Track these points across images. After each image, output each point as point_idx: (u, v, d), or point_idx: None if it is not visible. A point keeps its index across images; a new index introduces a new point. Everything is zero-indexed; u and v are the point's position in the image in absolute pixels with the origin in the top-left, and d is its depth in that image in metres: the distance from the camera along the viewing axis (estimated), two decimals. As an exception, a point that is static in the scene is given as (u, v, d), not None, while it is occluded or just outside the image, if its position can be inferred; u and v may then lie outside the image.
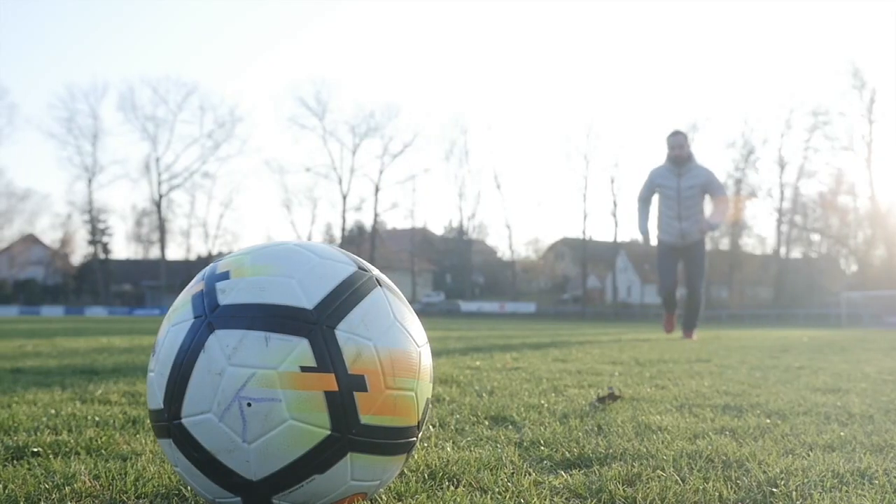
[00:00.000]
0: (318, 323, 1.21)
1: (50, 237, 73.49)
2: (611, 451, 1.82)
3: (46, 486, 1.42)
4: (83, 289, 70.89)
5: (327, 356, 1.19)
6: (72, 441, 1.90)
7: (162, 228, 65.68)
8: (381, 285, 1.34)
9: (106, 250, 68.97)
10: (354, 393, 1.20)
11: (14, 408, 2.55)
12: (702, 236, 9.70)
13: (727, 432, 2.11)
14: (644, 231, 9.89)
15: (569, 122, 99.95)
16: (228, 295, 1.24)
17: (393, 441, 1.27)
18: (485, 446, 1.90)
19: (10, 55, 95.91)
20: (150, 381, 1.29)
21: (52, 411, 2.47)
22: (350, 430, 1.20)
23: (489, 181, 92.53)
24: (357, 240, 68.39)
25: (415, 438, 1.33)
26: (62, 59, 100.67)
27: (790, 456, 1.76)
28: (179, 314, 1.28)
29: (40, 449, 1.81)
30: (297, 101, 77.73)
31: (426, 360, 1.36)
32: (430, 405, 1.40)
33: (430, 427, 2.20)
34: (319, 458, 1.19)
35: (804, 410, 2.59)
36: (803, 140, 53.79)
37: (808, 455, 1.77)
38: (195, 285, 1.31)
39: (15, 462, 1.70)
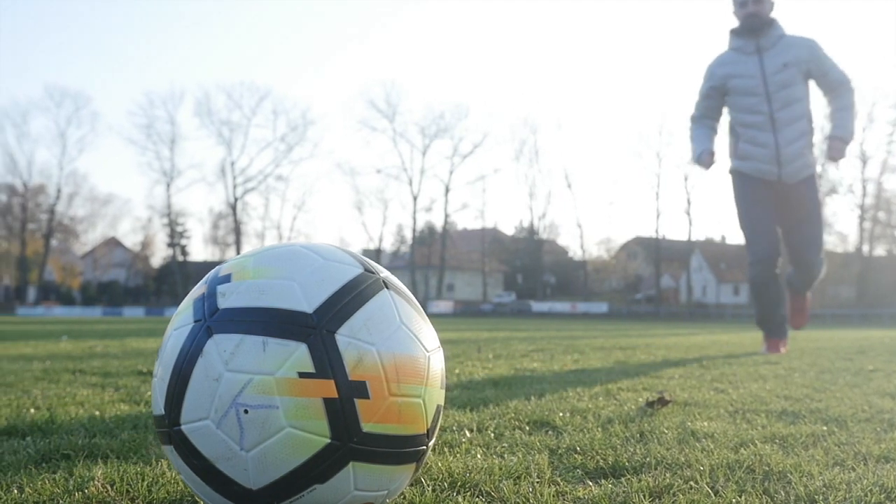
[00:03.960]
0: (317, 327, 1.16)
1: (131, 240, 75.93)
2: (648, 459, 1.73)
3: (58, 490, 1.42)
4: (163, 290, 72.86)
5: (327, 362, 1.15)
6: (104, 444, 1.90)
7: (237, 231, 66.99)
8: (388, 287, 1.28)
9: (184, 252, 70.68)
10: (355, 400, 1.15)
11: (59, 409, 2.58)
12: (812, 170, 6.02)
13: (777, 440, 2.00)
14: (704, 152, 6.12)
15: (641, 119, 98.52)
16: (228, 298, 1.21)
17: (398, 450, 1.22)
18: (517, 453, 1.83)
19: (92, 65, 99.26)
20: (153, 386, 1.27)
21: (97, 413, 2.49)
22: (351, 439, 1.15)
23: (560, 180, 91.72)
24: (428, 241, 68.65)
25: (424, 447, 1.28)
26: (141, 67, 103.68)
27: (838, 467, 1.65)
28: (181, 318, 1.25)
29: (71, 452, 1.82)
30: (367, 103, 78.47)
31: (436, 366, 1.30)
32: (442, 412, 1.34)
33: (468, 432, 2.15)
34: (319, 468, 1.15)
35: (866, 417, 2.46)
36: (886, 134, 52.01)
37: (858, 467, 1.65)
38: (199, 288, 1.29)
39: (43, 464, 1.71)
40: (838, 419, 2.40)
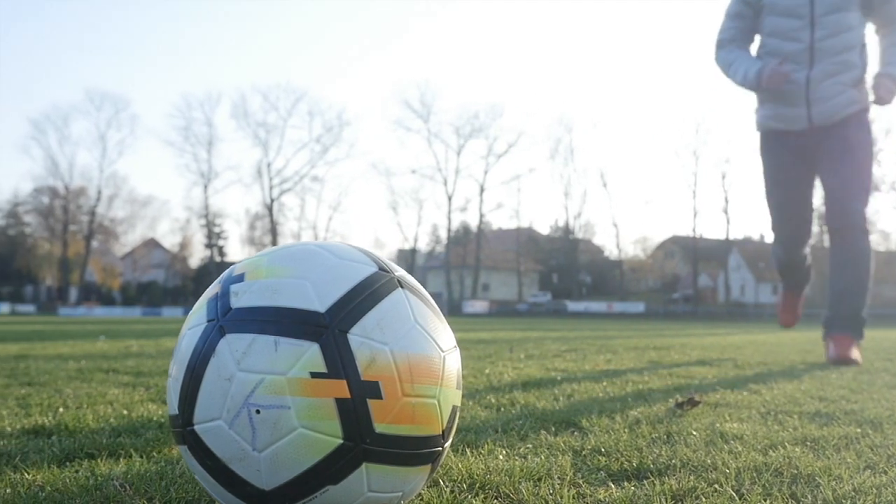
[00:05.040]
0: (329, 327, 1.15)
1: (169, 241, 76.82)
2: (673, 461, 1.70)
3: (76, 489, 1.42)
4: (201, 290, 73.14)
5: (339, 362, 1.13)
6: (128, 443, 1.91)
7: (274, 231, 67.52)
8: (402, 286, 1.27)
9: (221, 253, 71.47)
10: (368, 400, 1.14)
11: (88, 408, 2.61)
12: (859, 106, 4.85)
13: (808, 443, 1.96)
14: (764, 66, 4.81)
15: (677, 117, 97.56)
16: (241, 298, 1.20)
17: (412, 451, 1.20)
18: (540, 454, 1.81)
19: (130, 68, 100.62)
20: (168, 385, 1.26)
21: (125, 412, 2.51)
22: (364, 440, 1.14)
23: (595, 179, 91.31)
24: (463, 240, 68.67)
25: (439, 448, 1.26)
26: (179, 70, 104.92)
27: (869, 471, 1.60)
28: (195, 317, 1.25)
29: (95, 451, 1.83)
30: (402, 103, 78.67)
31: (452, 366, 1.28)
32: (458, 413, 1.32)
33: (492, 432, 2.13)
34: (332, 469, 1.14)
35: (903, 419, 2.39)
36: (931, 129, 50.89)
37: (891, 470, 1.61)
38: (213, 288, 1.28)
39: (67, 463, 1.72)
40: (873, 421, 2.34)
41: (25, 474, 1.57)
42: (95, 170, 69.69)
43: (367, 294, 1.21)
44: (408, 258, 70.42)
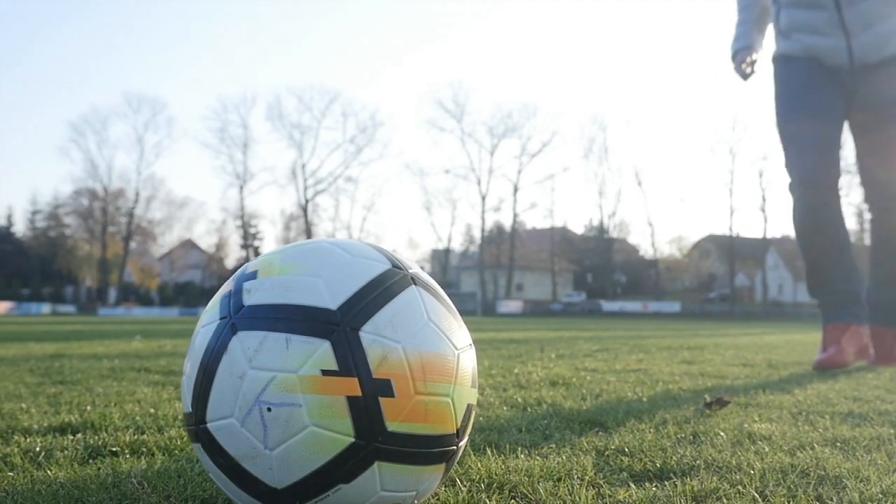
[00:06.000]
0: (340, 324, 1.14)
1: (206, 242, 77.66)
2: (697, 462, 1.67)
3: (93, 486, 1.43)
4: (237, 291, 74.16)
5: (350, 359, 1.12)
6: (151, 441, 1.92)
7: (308, 232, 67.96)
8: (416, 284, 1.26)
9: (257, 253, 71.95)
10: (380, 398, 1.13)
11: (115, 406, 2.63)
12: None
13: (838, 444, 1.91)
14: (742, 49, 4.23)
15: (713, 114, 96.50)
16: (253, 295, 1.20)
17: (426, 450, 1.19)
18: (562, 454, 1.79)
19: (167, 72, 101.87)
20: (182, 383, 1.27)
21: (152, 410, 2.53)
22: (376, 438, 1.13)
23: (630, 178, 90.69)
24: (497, 240, 68.58)
25: (454, 447, 1.25)
26: (214, 73, 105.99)
27: (900, 473, 1.56)
28: (209, 315, 1.25)
29: (118, 448, 1.84)
30: (435, 103, 79.11)
31: (466, 364, 1.26)
32: (474, 412, 1.30)
33: (515, 432, 2.11)
34: (344, 467, 1.13)
35: (939, 420, 2.33)
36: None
37: (922, 472, 1.56)
38: (227, 285, 1.28)
39: (90, 461, 1.73)
40: (908, 422, 2.28)
41: (48, 471, 1.59)
42: (133, 172, 70.74)
43: (379, 291, 1.20)
44: (441, 258, 70.48)
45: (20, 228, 76.92)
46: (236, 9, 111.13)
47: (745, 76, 4.21)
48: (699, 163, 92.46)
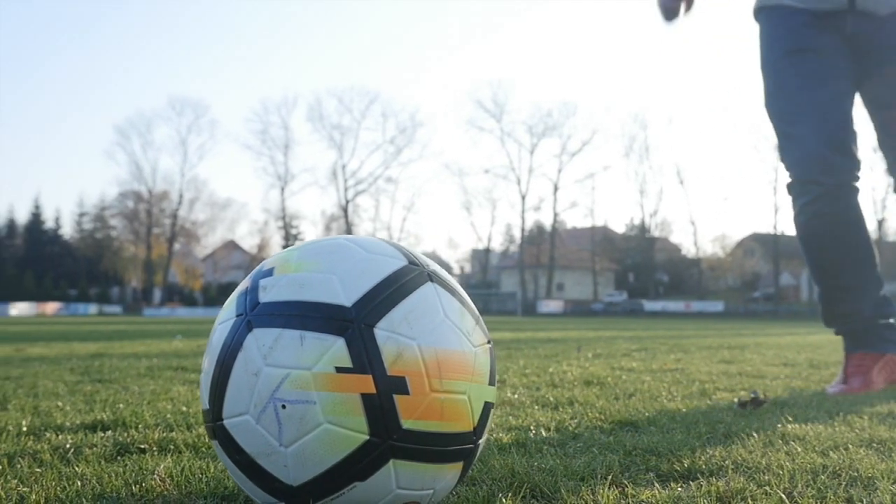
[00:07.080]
0: (355, 321, 1.14)
1: (248, 243, 78.33)
2: (726, 462, 1.64)
3: (116, 483, 1.44)
4: (278, 292, 74.78)
5: (364, 356, 1.12)
6: (179, 438, 1.93)
7: (349, 232, 67.93)
8: (432, 280, 1.24)
9: (299, 255, 72.39)
10: (394, 396, 1.12)
11: (148, 404, 2.66)
12: None
13: (874, 444, 1.86)
14: None
15: (756, 110, 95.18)
16: (269, 292, 1.20)
17: (442, 448, 1.18)
18: (589, 453, 1.77)
19: (210, 75, 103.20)
20: (200, 380, 1.27)
21: (184, 408, 2.55)
22: (390, 436, 1.12)
23: (671, 176, 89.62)
24: (537, 240, 68.33)
25: (471, 445, 1.23)
26: (256, 75, 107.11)
27: (935, 474, 1.51)
28: (226, 312, 1.25)
29: (146, 446, 1.86)
30: (474, 103, 79.00)
31: (484, 361, 1.25)
32: (492, 410, 1.29)
33: (544, 431, 2.09)
34: (359, 465, 1.12)
35: (982, 421, 2.26)
36: None
37: (959, 474, 1.52)
38: (244, 283, 1.28)
39: (118, 458, 1.74)
40: (949, 422, 2.22)
41: (75, 468, 1.60)
42: (177, 174, 71.66)
43: (394, 288, 1.19)
44: (482, 258, 70.41)
45: (67, 230, 78.44)
46: (277, 12, 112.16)
47: (668, 18, 3.39)
48: (742, 160, 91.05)
